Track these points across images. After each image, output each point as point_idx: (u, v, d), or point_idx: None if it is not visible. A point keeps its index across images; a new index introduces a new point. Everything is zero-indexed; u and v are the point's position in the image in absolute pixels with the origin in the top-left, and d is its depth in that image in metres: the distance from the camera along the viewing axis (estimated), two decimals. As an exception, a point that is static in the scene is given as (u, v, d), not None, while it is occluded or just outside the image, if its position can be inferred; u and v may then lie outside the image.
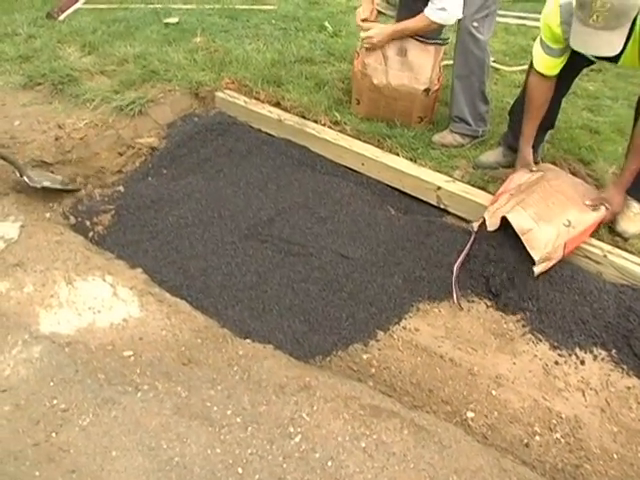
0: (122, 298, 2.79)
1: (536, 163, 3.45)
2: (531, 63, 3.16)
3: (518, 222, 2.99)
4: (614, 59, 2.83)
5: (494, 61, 4.66)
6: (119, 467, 2.13)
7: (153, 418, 2.28)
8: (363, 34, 3.73)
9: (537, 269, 2.92)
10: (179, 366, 2.50)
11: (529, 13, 5.74)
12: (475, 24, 3.48)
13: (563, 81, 3.19)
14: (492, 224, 3.06)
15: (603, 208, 3.11)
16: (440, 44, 3.71)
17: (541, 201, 3.09)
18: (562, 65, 3.06)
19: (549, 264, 2.96)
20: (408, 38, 3.68)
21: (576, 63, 3.07)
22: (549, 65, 3.05)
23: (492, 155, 3.64)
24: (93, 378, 2.42)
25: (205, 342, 2.61)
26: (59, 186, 3.52)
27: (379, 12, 4.00)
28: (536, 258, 2.92)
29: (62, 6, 5.29)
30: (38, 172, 3.51)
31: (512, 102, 3.67)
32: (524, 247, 3.06)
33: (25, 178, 3.39)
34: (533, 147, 3.41)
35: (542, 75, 3.10)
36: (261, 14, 5.36)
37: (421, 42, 3.67)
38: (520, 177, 3.27)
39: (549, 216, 3.02)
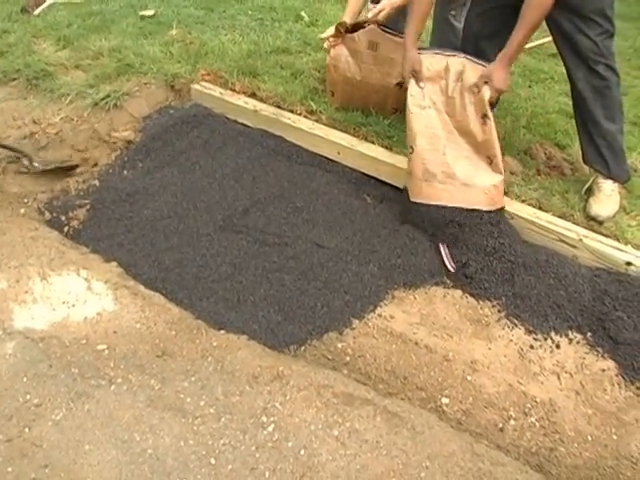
0: (96, 292, 2.79)
1: None
2: None
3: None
4: None
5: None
6: (92, 460, 2.13)
7: (126, 411, 2.28)
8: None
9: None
10: (153, 358, 2.50)
11: None
12: (453, 12, 3.48)
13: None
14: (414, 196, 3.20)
15: (487, 88, 3.04)
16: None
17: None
18: None
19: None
20: (379, 32, 3.63)
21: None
22: None
23: None
24: (67, 372, 2.42)
25: (179, 334, 2.61)
26: (64, 165, 3.67)
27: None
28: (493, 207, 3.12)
29: (37, 0, 5.24)
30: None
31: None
32: (499, 233, 3.10)
33: (36, 164, 3.56)
34: None
35: None
36: (237, 5, 5.32)
37: (393, 35, 3.63)
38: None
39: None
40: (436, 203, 3.15)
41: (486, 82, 3.00)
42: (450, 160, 3.13)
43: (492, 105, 3.13)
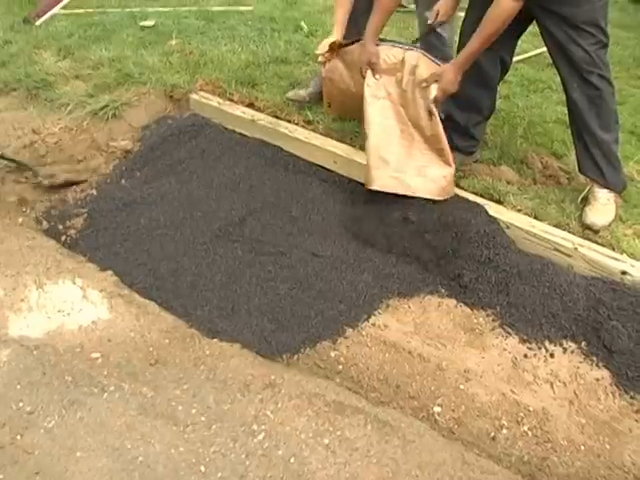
0: (92, 300, 2.81)
1: (475, 161, 3.59)
2: None
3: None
4: None
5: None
6: (83, 468, 2.14)
7: (118, 418, 2.29)
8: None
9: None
10: (146, 366, 2.52)
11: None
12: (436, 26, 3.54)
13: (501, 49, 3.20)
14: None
15: (434, 87, 3.14)
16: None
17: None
18: None
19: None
20: None
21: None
22: None
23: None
24: (60, 380, 2.43)
25: (173, 342, 2.63)
26: (69, 180, 3.69)
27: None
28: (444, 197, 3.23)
29: (39, 11, 5.29)
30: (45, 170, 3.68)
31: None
32: (494, 243, 3.10)
33: (40, 178, 3.59)
34: (476, 139, 3.54)
35: None
36: (237, 15, 5.36)
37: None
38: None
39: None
40: (389, 191, 3.23)
41: (436, 80, 3.11)
42: (403, 150, 3.25)
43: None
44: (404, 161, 3.24)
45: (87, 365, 2.51)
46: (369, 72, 3.31)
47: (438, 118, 3.16)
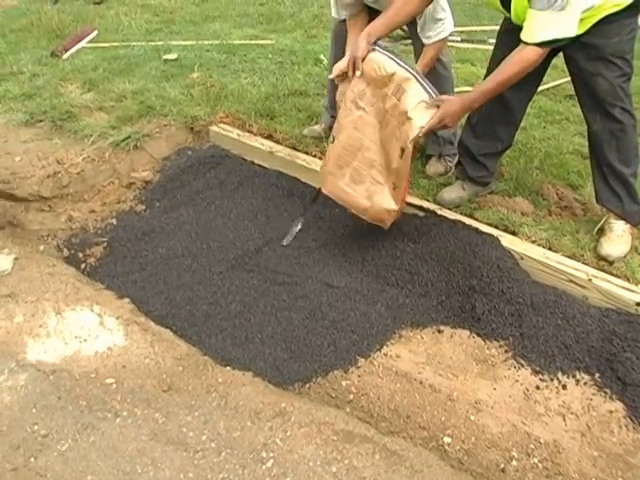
0: (108, 327, 2.86)
1: (490, 192, 3.59)
2: None
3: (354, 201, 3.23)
4: (507, 8, 2.88)
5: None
6: (94, 492, 2.18)
7: (130, 443, 2.33)
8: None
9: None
10: (159, 393, 2.55)
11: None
12: None
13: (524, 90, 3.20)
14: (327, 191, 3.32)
15: (414, 127, 2.91)
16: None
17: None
18: None
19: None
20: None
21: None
22: None
23: (453, 191, 3.61)
24: (74, 405, 2.47)
25: (186, 370, 2.66)
26: None
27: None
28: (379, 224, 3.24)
29: (66, 45, 5.43)
30: None
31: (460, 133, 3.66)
32: (507, 275, 3.11)
33: None
34: (488, 170, 3.51)
35: None
36: (259, 49, 5.47)
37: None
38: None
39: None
40: (337, 201, 3.30)
41: (438, 106, 2.90)
42: (361, 168, 3.18)
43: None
44: (359, 179, 3.19)
45: (101, 390, 2.55)
46: (357, 76, 3.07)
47: (409, 158, 2.99)
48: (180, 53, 5.28)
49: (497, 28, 3.33)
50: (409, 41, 3.94)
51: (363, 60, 3.04)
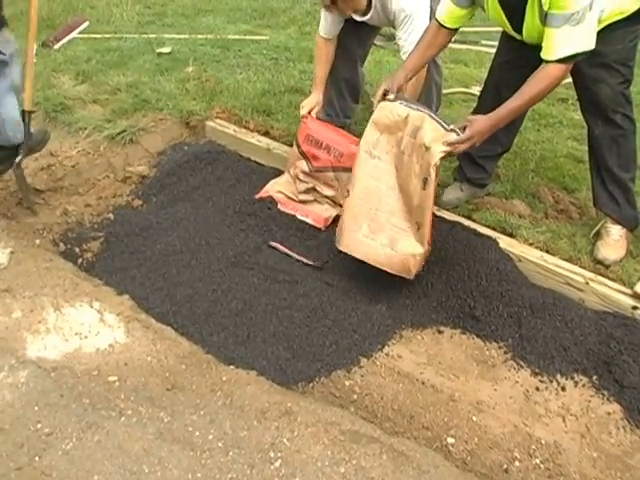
0: (109, 324, 2.83)
1: (487, 194, 3.61)
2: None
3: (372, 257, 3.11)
4: (519, 30, 2.88)
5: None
6: (100, 491, 2.16)
7: (135, 442, 2.31)
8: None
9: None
10: (163, 391, 2.53)
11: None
12: None
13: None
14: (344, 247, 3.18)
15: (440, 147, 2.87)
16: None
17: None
18: (464, 20, 3.10)
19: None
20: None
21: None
22: (451, 15, 3.03)
23: (451, 192, 3.63)
24: (78, 403, 2.45)
25: (189, 368, 2.65)
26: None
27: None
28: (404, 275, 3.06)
29: (58, 35, 5.37)
30: None
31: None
32: (506, 277, 3.13)
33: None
34: (487, 172, 3.53)
35: (440, 25, 3.05)
36: (253, 44, 5.43)
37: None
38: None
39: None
40: (356, 255, 3.13)
41: (462, 129, 2.85)
42: (380, 217, 3.10)
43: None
44: (378, 228, 3.08)
45: (104, 388, 2.52)
46: (370, 125, 3.07)
47: (432, 188, 2.92)
48: (174, 47, 5.23)
49: (490, 29, 3.34)
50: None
51: (399, 90, 3.04)
